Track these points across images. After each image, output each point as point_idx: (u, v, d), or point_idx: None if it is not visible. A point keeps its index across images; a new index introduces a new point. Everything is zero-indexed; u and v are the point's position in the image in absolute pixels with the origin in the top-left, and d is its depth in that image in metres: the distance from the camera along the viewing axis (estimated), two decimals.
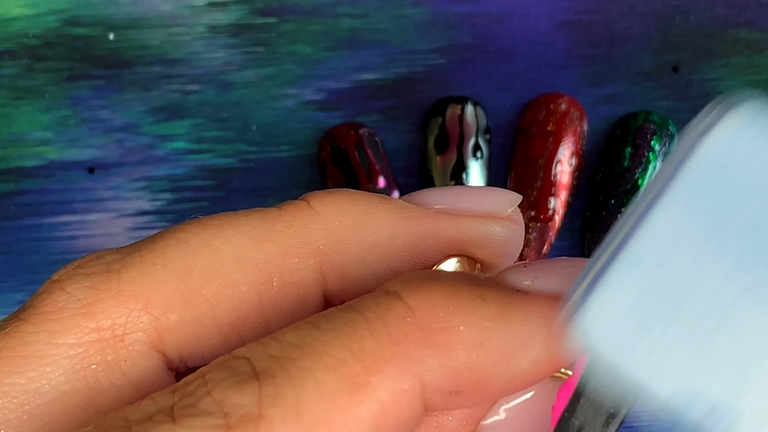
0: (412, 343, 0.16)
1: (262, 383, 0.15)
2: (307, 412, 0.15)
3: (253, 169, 0.48)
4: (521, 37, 0.48)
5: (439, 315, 0.16)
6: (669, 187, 0.14)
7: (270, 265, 0.18)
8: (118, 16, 0.48)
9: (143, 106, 0.48)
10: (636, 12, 0.48)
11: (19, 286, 0.48)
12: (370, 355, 0.16)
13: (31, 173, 0.48)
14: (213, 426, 0.14)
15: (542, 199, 0.47)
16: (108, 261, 0.18)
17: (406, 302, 0.16)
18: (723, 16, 0.48)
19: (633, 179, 0.46)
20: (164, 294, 0.18)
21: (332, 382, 0.15)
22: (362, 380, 0.15)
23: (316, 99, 0.48)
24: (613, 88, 0.48)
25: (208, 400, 0.15)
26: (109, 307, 0.18)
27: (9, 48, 0.48)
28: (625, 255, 0.14)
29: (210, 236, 0.18)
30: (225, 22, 0.48)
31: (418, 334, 0.16)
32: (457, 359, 0.16)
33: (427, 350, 0.16)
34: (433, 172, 0.47)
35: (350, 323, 0.16)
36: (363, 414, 0.15)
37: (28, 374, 0.17)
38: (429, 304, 0.16)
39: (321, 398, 0.15)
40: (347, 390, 0.15)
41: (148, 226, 0.48)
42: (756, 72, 0.48)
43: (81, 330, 0.18)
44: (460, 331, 0.16)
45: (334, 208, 0.19)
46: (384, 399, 0.15)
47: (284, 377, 0.15)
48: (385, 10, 0.48)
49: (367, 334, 0.16)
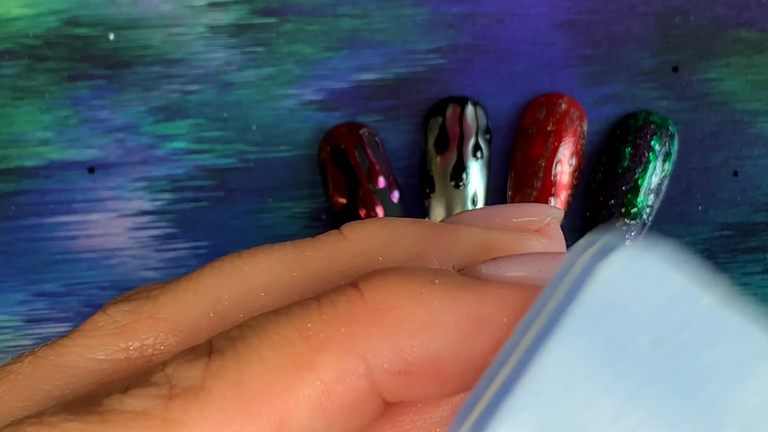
0: (357, 323, 0.16)
1: (211, 359, 0.16)
2: (247, 386, 0.15)
3: (254, 169, 0.48)
4: (521, 37, 0.48)
5: (387, 296, 0.16)
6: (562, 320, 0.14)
7: (299, 289, 0.19)
8: (119, 16, 0.48)
9: (143, 106, 0.48)
10: (636, 12, 0.48)
11: (19, 286, 0.48)
12: (317, 335, 0.16)
13: (31, 173, 0.48)
14: (155, 395, 0.15)
15: (542, 199, 0.47)
16: (151, 290, 0.19)
17: (359, 288, 0.16)
18: (723, 17, 0.48)
19: (633, 179, 0.46)
20: (193, 317, 0.18)
21: (276, 359, 0.15)
22: (306, 359, 0.15)
23: (317, 99, 0.48)
24: (613, 88, 0.48)
25: (160, 374, 0.16)
26: (140, 329, 0.18)
27: (9, 48, 0.48)
28: (521, 387, 0.14)
29: (243, 263, 0.19)
30: (225, 22, 0.48)
31: (365, 314, 0.16)
32: (402, 338, 0.16)
33: (373, 329, 0.16)
34: (433, 172, 0.47)
35: (304, 307, 0.16)
36: (305, 392, 0.15)
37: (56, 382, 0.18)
38: (380, 287, 0.16)
39: (263, 373, 0.15)
40: (290, 367, 0.15)
41: (149, 226, 0.48)
42: (756, 72, 0.48)
43: (112, 348, 0.18)
44: (407, 309, 0.16)
45: (364, 233, 0.19)
46: (327, 378, 0.16)
47: (231, 353, 0.16)
48: (386, 10, 0.48)
49: (317, 316, 0.16)
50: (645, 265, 0.14)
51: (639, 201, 0.46)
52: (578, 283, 0.14)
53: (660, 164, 0.47)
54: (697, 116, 0.48)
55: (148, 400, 0.15)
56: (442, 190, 0.47)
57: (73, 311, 0.48)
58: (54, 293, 0.48)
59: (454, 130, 0.47)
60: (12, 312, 0.48)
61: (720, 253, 0.48)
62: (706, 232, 0.48)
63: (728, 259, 0.48)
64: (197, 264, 0.49)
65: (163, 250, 0.48)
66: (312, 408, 0.15)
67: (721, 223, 0.48)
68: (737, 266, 0.48)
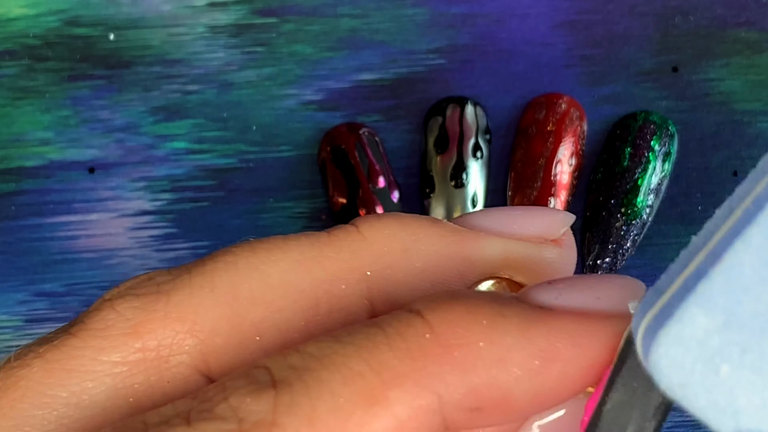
0: (430, 358, 0.16)
1: (279, 392, 0.15)
2: (321, 422, 0.15)
3: (254, 169, 0.48)
4: (521, 37, 0.49)
5: (458, 331, 0.16)
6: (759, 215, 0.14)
7: (317, 291, 0.18)
8: (119, 17, 0.48)
9: (143, 106, 0.48)
10: (636, 12, 0.48)
11: (19, 286, 0.48)
12: (388, 369, 0.15)
13: (31, 173, 0.48)
14: (226, 430, 0.15)
15: (542, 199, 0.47)
16: (158, 282, 0.18)
17: (426, 319, 0.16)
18: (723, 17, 0.48)
19: (633, 179, 0.46)
20: (210, 318, 0.18)
21: (348, 395, 0.15)
22: (379, 394, 0.15)
23: (317, 99, 0.48)
24: (613, 88, 0.48)
25: (223, 406, 0.15)
26: (156, 328, 0.18)
27: (9, 48, 0.48)
28: (707, 284, 0.14)
29: (259, 261, 0.18)
30: (225, 23, 0.48)
31: (437, 350, 0.16)
32: (476, 375, 0.16)
33: (446, 366, 0.16)
34: (433, 172, 0.47)
35: (371, 338, 0.16)
36: (378, 428, 0.15)
37: (71, 388, 0.17)
38: (448, 320, 0.16)
39: (336, 410, 0.15)
40: (363, 403, 0.15)
41: (149, 226, 0.48)
42: (756, 72, 0.48)
43: (127, 349, 0.18)
44: (479, 346, 0.16)
45: (382, 233, 0.19)
46: (401, 414, 0.15)
47: (301, 387, 0.15)
48: (385, 10, 0.48)
49: (386, 348, 0.16)
50: None
51: (639, 201, 0.46)
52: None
53: (660, 164, 0.47)
54: (696, 116, 0.48)
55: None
56: (442, 190, 0.47)
57: (74, 311, 0.48)
58: (54, 293, 0.48)
59: (454, 130, 0.47)
60: (12, 312, 0.48)
61: None
62: None
63: None
64: None
65: (163, 250, 0.48)
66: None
67: None
68: None
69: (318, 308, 0.18)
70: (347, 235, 0.19)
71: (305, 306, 0.18)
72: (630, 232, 0.46)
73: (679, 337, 0.14)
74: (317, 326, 0.18)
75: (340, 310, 0.18)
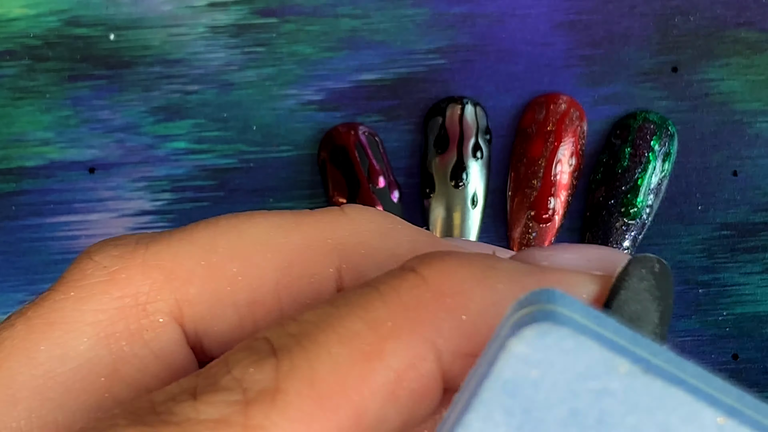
0: (423, 308, 0.16)
1: (280, 359, 0.15)
2: (322, 382, 0.15)
3: (254, 169, 0.48)
4: (521, 37, 0.49)
5: (451, 281, 0.16)
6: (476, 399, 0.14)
7: (291, 254, 0.19)
8: (119, 17, 0.48)
9: (144, 107, 0.48)
10: (635, 12, 0.48)
11: (19, 285, 0.48)
12: (384, 324, 0.16)
13: (31, 173, 0.48)
14: (231, 401, 0.15)
15: (542, 199, 0.47)
16: (139, 236, 0.19)
17: (419, 273, 0.16)
18: (722, 17, 0.48)
19: (633, 179, 0.46)
20: (187, 266, 0.18)
21: (346, 353, 0.15)
22: (376, 349, 0.15)
23: (317, 99, 0.48)
24: (613, 88, 0.48)
25: (227, 378, 0.15)
26: (133, 275, 0.18)
27: (10, 48, 0.48)
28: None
29: (239, 221, 0.19)
30: (225, 23, 0.48)
31: (430, 299, 0.16)
32: (470, 320, 0.16)
33: (439, 313, 0.16)
34: (433, 172, 0.47)
35: (365, 296, 0.16)
36: (378, 381, 0.15)
37: (54, 341, 0.18)
38: (441, 272, 0.16)
39: (335, 368, 0.15)
40: (361, 359, 0.15)
41: (149, 226, 0.48)
42: (755, 72, 0.48)
43: (105, 297, 0.18)
44: (472, 293, 0.16)
45: (363, 215, 0.19)
46: (398, 366, 0.16)
47: (299, 351, 0.15)
48: (386, 11, 0.48)
49: (381, 304, 0.16)
50: (559, 337, 0.14)
51: (639, 201, 0.46)
52: (495, 357, 0.14)
53: (659, 164, 0.47)
54: (696, 116, 0.48)
55: (225, 407, 0.15)
56: (442, 190, 0.47)
57: None
58: None
59: (454, 130, 0.47)
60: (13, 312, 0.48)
61: (719, 253, 0.48)
62: (705, 232, 0.48)
63: (727, 259, 0.48)
64: None
65: None
66: (385, 397, 0.15)
67: (720, 223, 0.48)
68: (737, 266, 0.48)
69: (290, 269, 0.19)
70: (329, 211, 0.19)
71: (278, 266, 0.19)
72: (630, 231, 0.47)
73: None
74: (287, 287, 0.19)
75: (311, 276, 0.19)
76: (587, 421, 0.14)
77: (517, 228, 0.47)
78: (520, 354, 0.14)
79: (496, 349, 0.14)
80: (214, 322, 0.18)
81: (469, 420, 0.14)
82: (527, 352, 0.14)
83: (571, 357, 0.14)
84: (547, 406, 0.14)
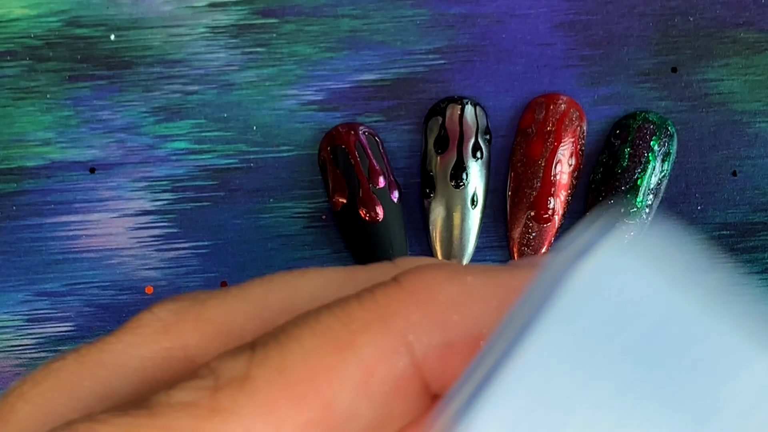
0: (395, 304, 0.16)
1: (255, 351, 0.16)
2: (291, 370, 0.15)
3: (254, 169, 0.48)
4: (521, 37, 0.49)
5: (423, 280, 0.17)
6: (550, 305, 0.14)
7: None
8: (119, 17, 0.48)
9: (144, 107, 0.48)
10: (635, 13, 0.49)
11: (20, 285, 0.48)
12: (356, 319, 0.16)
13: (32, 173, 0.48)
14: (202, 387, 0.15)
15: (542, 199, 0.47)
16: (198, 293, 0.19)
17: (396, 278, 0.17)
18: (722, 17, 0.49)
19: (632, 179, 0.47)
20: (238, 322, 0.18)
21: (317, 344, 0.16)
22: (347, 340, 0.16)
23: (317, 99, 0.48)
24: (613, 88, 0.48)
25: (203, 368, 0.16)
26: (185, 328, 0.18)
27: (10, 48, 0.48)
28: (504, 375, 0.14)
29: (292, 277, 0.19)
30: (226, 23, 0.48)
31: (402, 296, 0.16)
32: (440, 311, 0.16)
33: (410, 306, 0.16)
34: (433, 172, 0.47)
35: (344, 300, 0.17)
36: (348, 372, 0.16)
37: (99, 380, 0.18)
38: (416, 275, 0.17)
39: (305, 358, 0.16)
40: (331, 350, 0.16)
41: (149, 226, 0.48)
42: (755, 72, 0.48)
43: (156, 346, 0.18)
44: (443, 287, 0.16)
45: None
46: (368, 358, 0.16)
47: (273, 344, 0.16)
48: (386, 11, 0.49)
49: (356, 302, 0.16)
50: (629, 261, 0.14)
51: (638, 201, 0.46)
52: (561, 278, 0.14)
53: (659, 164, 0.47)
54: (696, 116, 0.48)
55: (195, 392, 0.15)
56: (442, 190, 0.47)
57: (74, 311, 0.48)
58: (55, 293, 0.48)
59: (454, 130, 0.47)
60: (13, 311, 0.48)
61: (719, 253, 0.48)
62: (705, 232, 0.48)
63: (727, 259, 0.48)
64: (198, 264, 0.50)
65: (163, 249, 0.48)
66: (356, 388, 0.16)
67: (720, 223, 0.48)
68: (736, 266, 0.48)
69: None
70: (381, 268, 0.19)
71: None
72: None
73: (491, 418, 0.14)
74: None
75: None
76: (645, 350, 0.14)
77: (517, 228, 0.47)
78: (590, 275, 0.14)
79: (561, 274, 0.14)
80: None
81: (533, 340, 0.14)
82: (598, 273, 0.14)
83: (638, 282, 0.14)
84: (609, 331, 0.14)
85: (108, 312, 0.48)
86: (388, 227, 0.46)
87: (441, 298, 0.16)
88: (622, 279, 0.14)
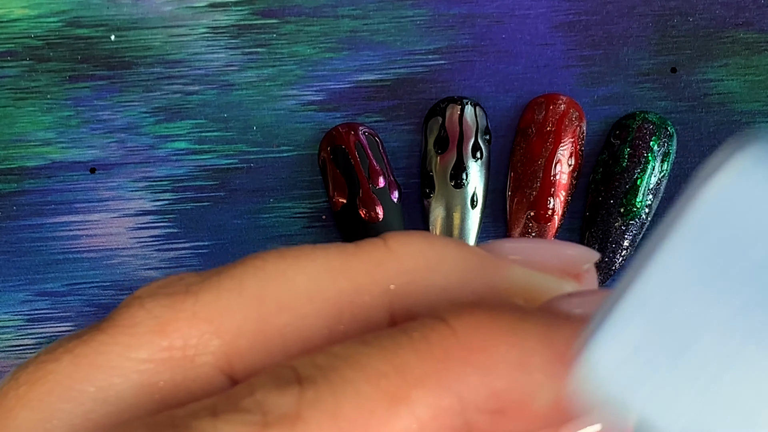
0: (453, 361, 0.16)
1: (304, 387, 0.15)
2: (344, 418, 0.15)
3: (254, 170, 0.48)
4: (521, 37, 0.49)
5: (480, 335, 0.16)
6: (676, 228, 0.14)
7: (341, 300, 0.18)
8: (120, 17, 0.48)
9: (144, 107, 0.48)
10: (635, 13, 0.49)
11: (21, 285, 0.48)
12: (412, 370, 0.16)
13: (32, 173, 0.48)
14: (250, 422, 0.15)
15: (542, 199, 0.47)
16: (188, 283, 0.19)
17: (450, 324, 0.16)
18: (721, 17, 0.49)
19: (632, 179, 0.47)
20: (236, 320, 0.18)
21: (372, 392, 0.15)
22: (402, 394, 0.15)
23: (317, 99, 0.48)
24: (612, 88, 0.49)
25: (249, 400, 0.15)
26: (182, 327, 0.18)
27: (11, 49, 0.48)
28: (632, 294, 0.14)
29: (287, 266, 0.18)
30: (226, 23, 0.48)
31: (460, 352, 0.16)
32: (497, 377, 0.16)
33: (468, 368, 0.16)
34: (433, 173, 0.47)
35: (395, 340, 0.16)
36: (400, 427, 0.15)
37: (98, 383, 0.17)
38: (471, 325, 0.16)
39: (359, 406, 0.15)
40: (386, 401, 0.15)
41: (150, 226, 0.48)
42: (754, 73, 0.49)
43: (154, 347, 0.18)
44: (501, 349, 0.16)
45: (409, 249, 0.19)
46: (422, 415, 0.15)
47: (325, 383, 0.15)
48: (386, 11, 0.49)
49: (410, 351, 0.16)
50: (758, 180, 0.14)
51: (638, 201, 0.47)
52: (693, 194, 0.14)
53: (659, 164, 0.47)
54: (695, 117, 0.48)
55: (242, 426, 0.15)
56: (442, 190, 0.47)
57: (75, 311, 0.48)
58: (55, 293, 0.48)
59: (454, 130, 0.47)
60: (14, 311, 0.48)
61: None
62: None
63: None
64: (198, 264, 0.49)
65: (164, 249, 0.48)
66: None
67: None
68: None
69: (341, 317, 0.18)
70: (374, 248, 0.19)
71: (329, 314, 0.18)
72: (629, 231, 0.47)
73: (615, 341, 0.14)
74: (339, 335, 0.19)
75: (362, 321, 0.19)
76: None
77: (517, 228, 0.47)
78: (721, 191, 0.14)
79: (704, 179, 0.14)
80: None
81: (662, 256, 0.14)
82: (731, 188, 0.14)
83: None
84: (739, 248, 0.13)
85: (108, 312, 0.48)
86: (388, 227, 0.46)
87: (501, 366, 0.16)
88: (752, 197, 0.14)
